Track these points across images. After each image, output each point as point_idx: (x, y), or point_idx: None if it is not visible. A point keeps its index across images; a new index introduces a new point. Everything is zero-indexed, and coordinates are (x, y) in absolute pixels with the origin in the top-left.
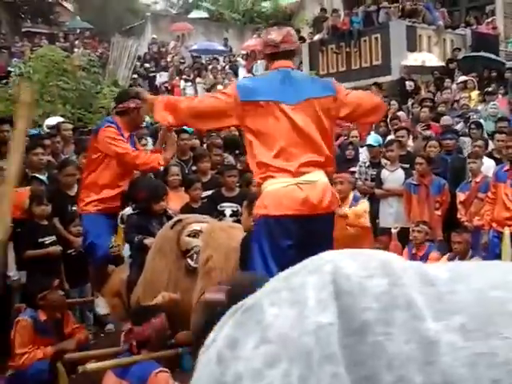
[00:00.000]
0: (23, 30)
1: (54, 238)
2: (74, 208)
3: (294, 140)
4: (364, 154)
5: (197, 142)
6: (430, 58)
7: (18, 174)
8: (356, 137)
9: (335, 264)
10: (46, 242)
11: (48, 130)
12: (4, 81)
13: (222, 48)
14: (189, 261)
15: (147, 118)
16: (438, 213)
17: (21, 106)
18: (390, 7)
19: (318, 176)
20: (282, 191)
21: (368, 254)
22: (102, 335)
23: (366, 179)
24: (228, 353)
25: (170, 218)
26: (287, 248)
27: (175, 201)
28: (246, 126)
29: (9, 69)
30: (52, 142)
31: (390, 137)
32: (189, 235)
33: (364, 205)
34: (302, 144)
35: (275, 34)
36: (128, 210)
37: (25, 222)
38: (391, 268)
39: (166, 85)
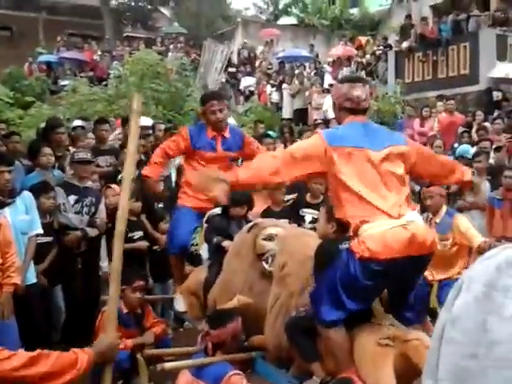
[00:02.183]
0: (124, 34)
1: (141, 233)
2: (160, 205)
3: (384, 183)
4: None
5: (281, 146)
6: None
7: (132, 176)
8: (440, 147)
9: None
10: (135, 237)
11: None
12: (104, 83)
13: (308, 55)
14: (264, 264)
15: None
16: None
17: (132, 115)
18: (480, 15)
19: (415, 216)
20: (389, 233)
21: None
22: (182, 330)
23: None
24: (504, 267)
25: (249, 222)
26: (377, 287)
27: (257, 203)
28: (334, 173)
29: (109, 71)
30: (146, 141)
31: (475, 148)
32: (264, 239)
33: (464, 224)
34: (392, 186)
35: (360, 91)
36: (215, 210)
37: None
38: None
39: (251, 89)
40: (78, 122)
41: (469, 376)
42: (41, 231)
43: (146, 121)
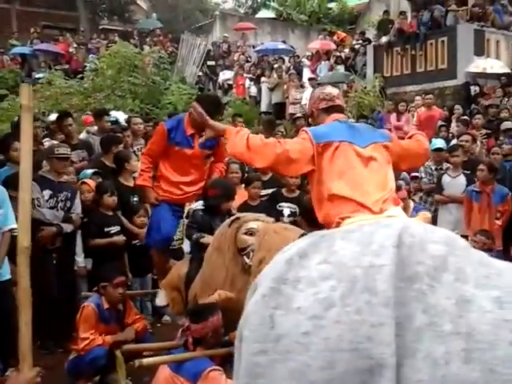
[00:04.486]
0: (100, 27)
1: (118, 228)
2: (135, 199)
3: (370, 179)
4: None
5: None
6: (493, 65)
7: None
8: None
9: (406, 224)
10: (112, 232)
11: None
12: (79, 76)
13: (288, 48)
14: (245, 258)
15: None
16: (499, 222)
17: (22, 110)
18: (458, 10)
19: (399, 211)
20: None
21: (440, 229)
22: (159, 325)
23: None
24: (297, 260)
25: (231, 216)
26: None
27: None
28: (319, 168)
29: (85, 64)
30: (123, 135)
31: (453, 142)
32: (246, 233)
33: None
34: (377, 182)
35: (330, 89)
36: (196, 205)
37: (91, 211)
38: (454, 242)
39: (229, 82)
40: None
41: (260, 371)
42: (15, 226)
43: (120, 115)
